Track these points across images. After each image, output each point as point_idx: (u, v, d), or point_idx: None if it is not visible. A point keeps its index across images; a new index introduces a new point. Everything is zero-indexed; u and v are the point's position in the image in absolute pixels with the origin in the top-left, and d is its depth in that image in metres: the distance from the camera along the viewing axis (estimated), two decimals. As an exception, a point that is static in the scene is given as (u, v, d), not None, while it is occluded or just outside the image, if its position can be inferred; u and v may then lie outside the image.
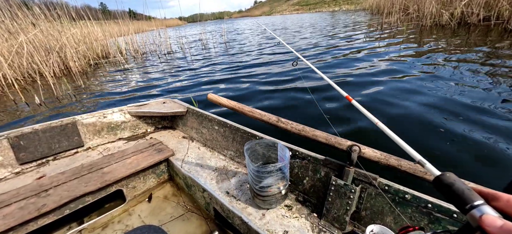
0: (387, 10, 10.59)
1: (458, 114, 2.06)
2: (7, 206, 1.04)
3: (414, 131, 1.94)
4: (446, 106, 2.24)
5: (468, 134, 1.77)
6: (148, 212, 1.28)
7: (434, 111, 2.18)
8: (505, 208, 0.26)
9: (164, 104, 1.90)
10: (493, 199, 0.28)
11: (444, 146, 1.70)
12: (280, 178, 0.96)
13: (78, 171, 1.29)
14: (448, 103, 2.30)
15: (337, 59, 4.80)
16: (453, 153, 1.62)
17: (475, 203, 0.27)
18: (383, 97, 2.64)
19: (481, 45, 4.35)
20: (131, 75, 5.47)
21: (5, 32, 5.34)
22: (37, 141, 1.46)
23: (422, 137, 1.86)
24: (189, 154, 1.47)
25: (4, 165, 1.38)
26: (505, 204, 0.27)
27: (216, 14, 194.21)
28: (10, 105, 3.73)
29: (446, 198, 0.31)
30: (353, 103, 0.76)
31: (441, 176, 0.32)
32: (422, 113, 2.17)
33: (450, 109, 2.18)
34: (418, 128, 1.97)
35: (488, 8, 6.55)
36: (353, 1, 40.92)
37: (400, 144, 0.53)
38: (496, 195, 0.28)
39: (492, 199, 0.28)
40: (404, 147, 0.52)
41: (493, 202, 0.28)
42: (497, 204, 0.27)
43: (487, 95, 2.35)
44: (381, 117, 2.13)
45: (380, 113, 2.29)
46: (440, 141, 1.75)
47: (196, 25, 31.17)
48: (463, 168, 1.50)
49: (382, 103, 2.50)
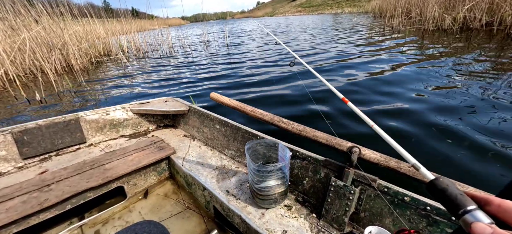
0: (390, 13, 10.61)
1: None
2: (10, 200, 1.05)
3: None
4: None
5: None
6: (148, 209, 1.29)
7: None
8: (497, 213, 0.27)
9: (166, 103, 1.91)
10: (486, 203, 0.28)
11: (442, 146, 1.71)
12: (280, 178, 0.96)
13: (80, 167, 1.30)
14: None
15: (345, 63, 4.77)
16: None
17: (468, 208, 0.27)
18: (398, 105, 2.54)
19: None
20: (132, 74, 5.49)
21: (8, 29, 5.37)
22: (41, 136, 1.47)
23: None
24: (190, 152, 1.48)
25: (7, 160, 1.39)
26: (496, 208, 0.27)
27: (218, 14, 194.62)
28: (11, 101, 3.75)
29: (440, 202, 0.31)
30: (349, 105, 0.76)
31: (435, 180, 0.33)
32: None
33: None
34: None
35: (491, 13, 6.56)
36: (355, 3, 40.96)
37: (395, 147, 0.52)
38: (488, 200, 0.28)
39: (485, 204, 0.28)
40: (399, 150, 0.51)
41: (486, 206, 0.28)
42: (489, 208, 0.28)
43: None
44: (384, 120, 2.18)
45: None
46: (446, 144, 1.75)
47: (198, 25, 31.22)
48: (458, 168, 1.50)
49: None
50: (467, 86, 2.78)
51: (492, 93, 2.52)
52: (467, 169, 1.50)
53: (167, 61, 6.88)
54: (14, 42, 5.10)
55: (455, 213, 0.28)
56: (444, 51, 4.69)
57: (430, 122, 2.06)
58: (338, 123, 2.26)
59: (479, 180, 1.42)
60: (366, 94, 2.89)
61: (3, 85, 4.51)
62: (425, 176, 0.38)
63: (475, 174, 1.46)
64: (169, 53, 8.47)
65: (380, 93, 2.86)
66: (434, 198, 0.32)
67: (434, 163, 1.60)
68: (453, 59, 4.07)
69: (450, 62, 3.91)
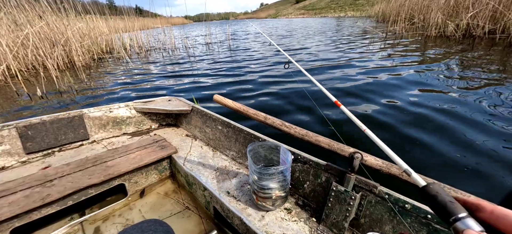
0: (393, 19, 10.62)
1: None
2: (13, 194, 1.06)
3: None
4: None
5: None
6: (148, 207, 1.30)
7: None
8: (489, 220, 0.26)
9: (169, 102, 1.92)
10: (477, 209, 0.28)
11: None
12: (281, 181, 0.97)
13: (83, 164, 1.31)
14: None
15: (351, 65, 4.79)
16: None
17: (458, 215, 0.27)
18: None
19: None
20: (134, 72, 5.51)
21: (12, 23, 5.40)
22: (44, 131, 1.48)
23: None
24: (192, 152, 1.49)
25: (11, 154, 1.41)
26: (488, 215, 0.27)
27: (221, 15, 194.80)
28: (12, 95, 3.77)
29: (431, 209, 0.31)
30: (342, 108, 0.75)
31: (425, 187, 0.32)
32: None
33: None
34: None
35: (494, 21, 6.56)
36: (359, 8, 41.02)
37: (387, 153, 0.51)
38: (480, 206, 0.28)
39: (476, 210, 0.28)
40: (391, 155, 0.50)
41: (478, 212, 0.27)
42: (481, 215, 0.27)
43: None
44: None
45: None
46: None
47: (201, 24, 31.26)
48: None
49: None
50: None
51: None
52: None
53: (169, 60, 6.90)
54: (18, 36, 5.13)
55: (446, 220, 0.28)
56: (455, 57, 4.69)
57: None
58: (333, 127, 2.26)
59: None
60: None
61: (5, 79, 4.53)
62: (417, 182, 0.37)
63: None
64: (171, 52, 8.49)
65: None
66: (426, 204, 0.32)
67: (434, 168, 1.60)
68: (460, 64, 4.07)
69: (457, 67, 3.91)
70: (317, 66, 4.88)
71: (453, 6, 7.64)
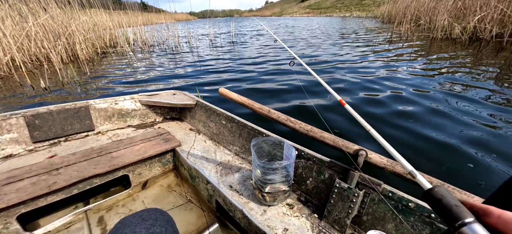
0: (398, 20, 10.53)
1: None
2: (20, 181, 1.07)
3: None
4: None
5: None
6: (151, 199, 1.31)
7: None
8: (497, 225, 0.25)
9: (174, 96, 1.93)
10: (484, 214, 0.26)
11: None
12: (284, 176, 0.97)
13: (88, 154, 1.32)
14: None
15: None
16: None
17: (465, 220, 0.26)
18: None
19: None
20: (137, 66, 5.52)
21: (17, 15, 5.43)
22: (51, 121, 1.50)
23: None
24: (195, 146, 1.50)
25: (18, 142, 1.43)
26: (496, 220, 0.26)
27: (226, 12, 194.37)
28: (16, 87, 3.81)
29: (436, 212, 0.30)
30: (346, 107, 0.75)
31: (430, 190, 0.31)
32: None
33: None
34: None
35: (502, 24, 6.48)
36: (365, 8, 40.67)
37: (392, 153, 0.50)
38: (487, 211, 0.26)
39: (483, 215, 0.27)
40: (395, 156, 0.49)
41: (485, 218, 0.26)
42: (488, 220, 0.26)
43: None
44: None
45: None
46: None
47: (205, 21, 31.21)
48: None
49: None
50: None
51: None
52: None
53: (173, 55, 6.91)
54: (22, 28, 5.16)
55: (452, 224, 0.27)
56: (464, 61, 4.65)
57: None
58: (335, 126, 2.27)
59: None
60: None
61: (9, 71, 4.57)
62: (422, 185, 0.37)
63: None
64: (174, 47, 8.50)
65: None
66: (431, 207, 0.31)
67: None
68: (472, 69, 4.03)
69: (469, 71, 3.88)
70: (323, 67, 4.86)
71: (460, 8, 7.55)
